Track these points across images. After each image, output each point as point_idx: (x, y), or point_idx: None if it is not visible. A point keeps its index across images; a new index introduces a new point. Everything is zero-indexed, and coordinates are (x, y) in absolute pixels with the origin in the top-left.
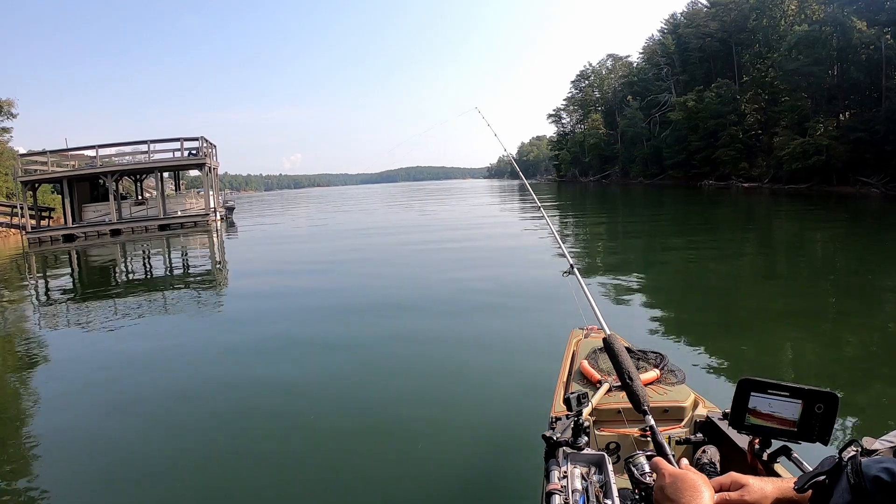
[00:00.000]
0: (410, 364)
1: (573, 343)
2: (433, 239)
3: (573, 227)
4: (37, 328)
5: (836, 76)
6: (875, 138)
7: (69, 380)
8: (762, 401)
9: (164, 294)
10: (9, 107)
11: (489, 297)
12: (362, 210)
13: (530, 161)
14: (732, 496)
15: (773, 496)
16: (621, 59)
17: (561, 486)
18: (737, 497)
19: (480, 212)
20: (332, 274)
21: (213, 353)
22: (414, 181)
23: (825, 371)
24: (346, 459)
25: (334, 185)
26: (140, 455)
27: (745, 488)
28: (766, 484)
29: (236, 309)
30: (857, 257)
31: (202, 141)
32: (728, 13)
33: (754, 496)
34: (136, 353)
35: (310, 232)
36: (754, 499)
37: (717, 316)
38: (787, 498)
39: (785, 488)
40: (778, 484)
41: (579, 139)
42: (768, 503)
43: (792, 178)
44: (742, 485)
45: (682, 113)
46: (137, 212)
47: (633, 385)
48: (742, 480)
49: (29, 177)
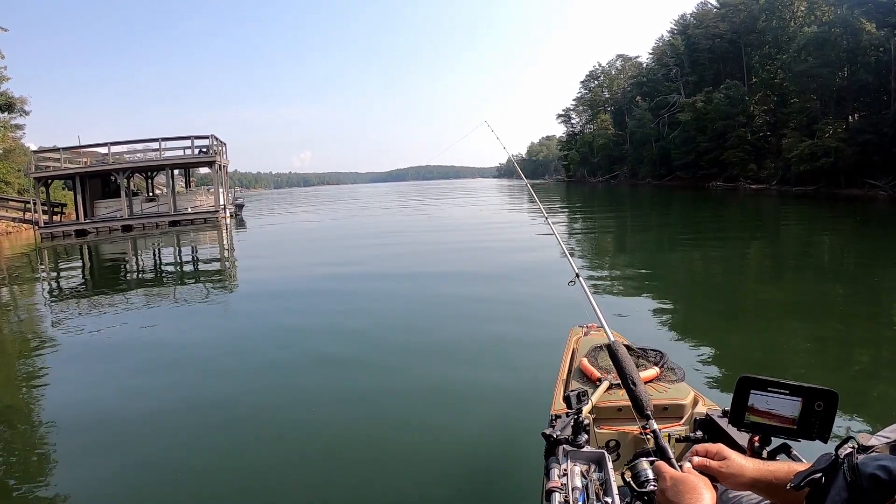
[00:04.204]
0: (410, 363)
1: (573, 341)
2: (442, 240)
3: (582, 227)
4: (51, 320)
5: (844, 78)
6: (883, 141)
7: (81, 371)
8: (762, 398)
9: (175, 288)
10: (22, 104)
11: (492, 297)
12: (373, 212)
13: (540, 161)
14: (712, 464)
15: (751, 475)
16: (631, 60)
17: (561, 483)
18: (715, 466)
19: (490, 213)
20: (339, 271)
21: (220, 348)
22: (423, 180)
23: (826, 370)
24: (346, 455)
25: (344, 184)
26: (152, 445)
27: (726, 461)
28: (748, 462)
29: (245, 303)
30: (864, 259)
31: (212, 139)
32: (738, 14)
33: (731, 470)
34: (147, 346)
35: (321, 230)
36: (731, 472)
37: (718, 314)
38: (766, 480)
39: (765, 471)
40: (759, 465)
41: (588, 139)
42: (744, 480)
43: (800, 180)
44: (725, 457)
45: (691, 114)
46: (148, 208)
47: (637, 390)
48: (726, 453)
49: (42, 173)
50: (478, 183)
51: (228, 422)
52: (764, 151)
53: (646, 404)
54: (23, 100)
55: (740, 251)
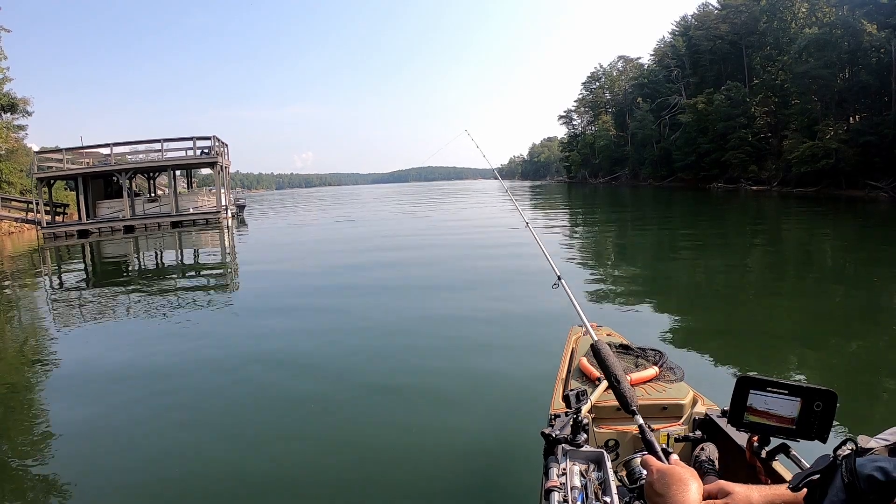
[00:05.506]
0: (410, 361)
1: (572, 340)
2: (439, 242)
3: (583, 228)
4: (53, 320)
5: (845, 79)
6: (884, 142)
7: (83, 372)
8: (761, 398)
9: (177, 288)
10: (24, 105)
11: (491, 297)
12: (375, 215)
13: (541, 162)
14: (717, 503)
15: (759, 502)
16: (632, 61)
17: (560, 483)
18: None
19: (489, 214)
20: (340, 272)
21: (222, 348)
22: (425, 181)
23: (825, 370)
24: (346, 455)
25: (345, 185)
26: (157, 444)
27: (731, 496)
28: (752, 492)
29: (244, 305)
30: (864, 260)
31: (214, 140)
32: (739, 15)
33: (738, 502)
34: (150, 346)
35: (323, 232)
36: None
37: (717, 314)
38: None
39: (772, 495)
40: (765, 491)
41: (589, 141)
42: None
43: (801, 182)
44: (728, 492)
45: (692, 115)
46: (150, 209)
47: (621, 387)
48: (728, 488)
49: (44, 173)
50: (479, 184)
51: (229, 421)
52: (765, 153)
53: (630, 400)
54: (25, 100)
55: (741, 252)
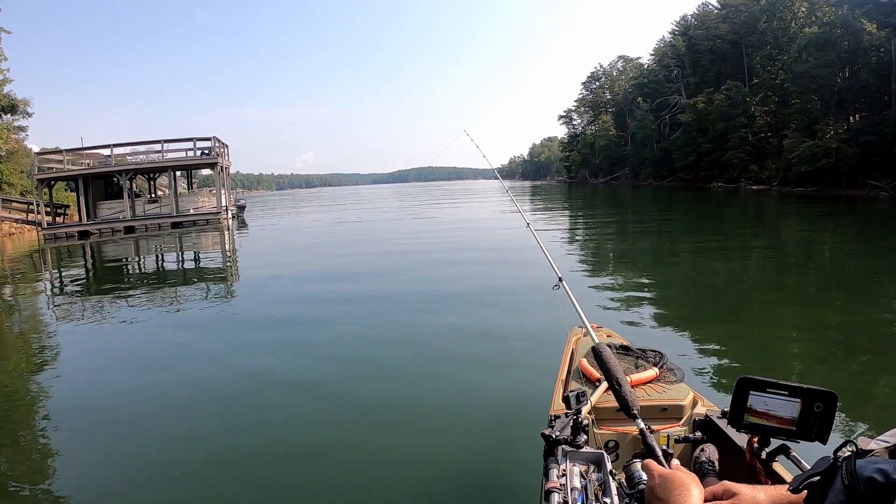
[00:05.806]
0: (410, 361)
1: (572, 341)
2: (440, 245)
3: (583, 228)
4: (54, 320)
5: (845, 79)
6: (884, 141)
7: (85, 370)
8: (761, 399)
9: (178, 289)
10: (24, 106)
11: (491, 298)
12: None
13: (542, 162)
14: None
15: (766, 503)
16: (632, 61)
17: (560, 484)
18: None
19: (489, 215)
20: (341, 274)
21: (222, 348)
22: (426, 181)
23: (826, 371)
24: (346, 455)
25: (346, 185)
26: (151, 449)
27: (737, 497)
28: (759, 492)
29: (246, 305)
30: (864, 260)
31: (214, 141)
32: (738, 15)
33: (745, 502)
34: (148, 345)
35: (324, 233)
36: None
37: (718, 315)
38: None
39: (777, 495)
40: (771, 492)
41: (590, 140)
42: None
43: (801, 181)
44: (734, 493)
45: (692, 115)
46: (151, 209)
47: (622, 390)
48: (734, 489)
49: (45, 174)
50: (479, 184)
51: (228, 423)
52: (765, 152)
53: (632, 404)
54: (26, 101)
55: (741, 252)
